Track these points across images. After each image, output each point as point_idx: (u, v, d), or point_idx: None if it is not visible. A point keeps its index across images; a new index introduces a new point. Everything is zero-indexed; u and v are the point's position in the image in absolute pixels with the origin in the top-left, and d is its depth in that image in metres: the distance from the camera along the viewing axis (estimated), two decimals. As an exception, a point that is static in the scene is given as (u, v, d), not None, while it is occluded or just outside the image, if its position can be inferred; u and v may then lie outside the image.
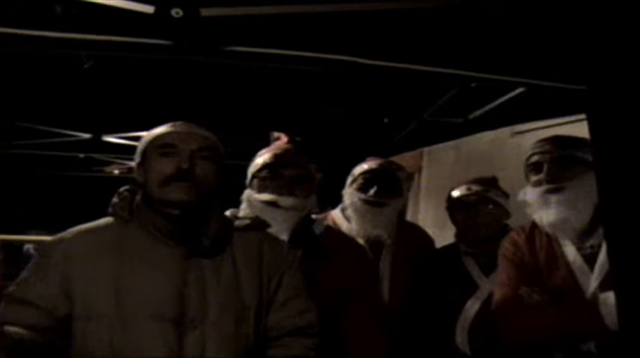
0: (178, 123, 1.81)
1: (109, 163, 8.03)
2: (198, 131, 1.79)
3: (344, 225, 2.77)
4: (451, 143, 5.21)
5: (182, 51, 1.51)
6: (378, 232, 2.72)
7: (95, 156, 7.26)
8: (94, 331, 1.61)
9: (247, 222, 1.89)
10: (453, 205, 2.64)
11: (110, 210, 1.79)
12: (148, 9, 1.47)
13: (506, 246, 2.22)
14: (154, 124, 1.90)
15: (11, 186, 8.46)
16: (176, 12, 1.46)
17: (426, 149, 6.02)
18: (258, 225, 1.91)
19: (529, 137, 3.83)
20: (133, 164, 1.76)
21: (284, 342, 1.76)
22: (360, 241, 2.67)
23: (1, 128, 5.24)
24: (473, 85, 3.03)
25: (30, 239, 6.90)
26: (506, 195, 2.59)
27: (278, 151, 2.34)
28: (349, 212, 2.77)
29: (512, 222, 2.62)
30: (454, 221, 2.66)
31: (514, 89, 2.77)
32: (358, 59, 1.70)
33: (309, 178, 2.34)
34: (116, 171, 8.58)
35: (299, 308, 1.80)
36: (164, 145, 1.74)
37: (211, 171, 1.74)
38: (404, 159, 3.78)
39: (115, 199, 1.81)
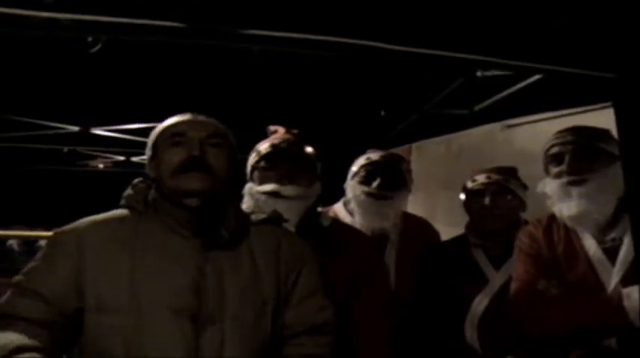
0: (187, 113, 1.78)
1: (94, 157, 7.93)
2: (207, 120, 1.77)
3: (347, 219, 2.71)
4: (441, 137, 5.24)
5: (194, 34, 1.43)
6: (383, 225, 2.68)
7: (80, 149, 7.16)
8: (108, 326, 1.57)
9: (264, 216, 1.86)
10: (469, 194, 2.58)
11: (124, 201, 1.76)
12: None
13: (522, 239, 2.17)
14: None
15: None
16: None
17: (414, 144, 6.05)
18: (274, 219, 1.88)
19: (521, 130, 3.79)
20: (119, 158, 1.69)
21: (300, 340, 1.73)
22: (365, 235, 2.60)
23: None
24: (479, 74, 2.98)
25: (13, 234, 6.76)
26: (524, 187, 2.54)
27: (276, 141, 2.30)
28: (352, 205, 2.73)
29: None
30: (468, 210, 2.60)
31: (523, 79, 2.72)
32: (376, 43, 1.63)
33: (311, 166, 2.29)
34: (101, 166, 8.47)
35: (316, 305, 1.77)
36: (173, 135, 1.71)
37: (224, 159, 1.71)
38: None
39: (128, 191, 1.78)
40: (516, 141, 3.87)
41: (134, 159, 8.11)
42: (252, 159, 2.31)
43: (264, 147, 2.30)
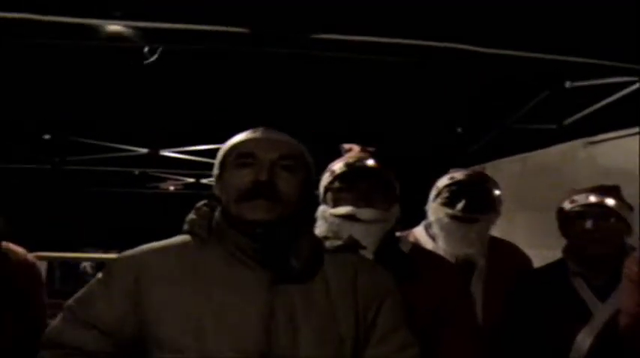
0: (259, 129, 1.63)
1: (164, 179, 7.98)
2: (280, 137, 1.61)
3: (428, 244, 2.54)
4: (517, 156, 5.09)
5: (261, 41, 1.27)
6: (469, 251, 2.49)
7: (150, 171, 7.22)
8: None
9: (339, 243, 1.69)
10: (568, 216, 2.35)
11: (186, 227, 1.63)
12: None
13: (631, 267, 1.95)
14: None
15: (66, 203, 8.47)
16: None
17: (489, 163, 5.92)
18: (351, 246, 1.72)
19: (604, 148, 3.58)
20: (189, 180, 1.55)
21: None
22: (448, 262, 2.45)
23: (55, 144, 5.20)
24: (567, 85, 2.75)
25: (86, 257, 6.83)
26: (630, 208, 2.29)
27: (351, 160, 2.16)
28: (435, 229, 2.55)
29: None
30: (566, 234, 2.38)
31: (621, 89, 2.48)
32: (461, 45, 1.45)
33: (389, 187, 2.14)
34: (171, 188, 8.52)
35: (400, 342, 1.60)
36: (241, 155, 1.57)
37: (295, 184, 1.56)
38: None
39: (191, 215, 1.65)
40: (599, 158, 3.71)
41: (204, 181, 8.14)
42: (325, 179, 2.18)
43: (338, 166, 2.16)
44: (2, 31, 1.93)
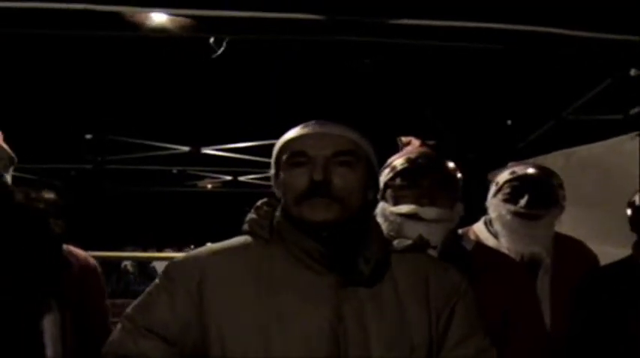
0: (310, 123, 1.55)
1: (202, 178, 7.98)
2: (334, 131, 1.52)
3: (490, 241, 2.45)
4: (560, 151, 4.96)
5: (336, 28, 1.19)
6: (533, 250, 2.42)
7: (189, 170, 7.22)
8: None
9: (408, 242, 1.62)
10: (637, 211, 2.23)
11: (246, 227, 1.57)
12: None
13: None
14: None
15: (107, 202, 8.52)
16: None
17: (531, 159, 5.79)
18: (420, 246, 1.64)
19: None
20: (226, 178, 1.48)
21: None
22: (512, 260, 2.38)
23: (95, 143, 5.21)
24: (632, 73, 2.62)
25: (127, 256, 6.84)
26: None
27: (413, 155, 2.10)
28: (496, 227, 2.47)
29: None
30: (636, 229, 2.25)
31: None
32: (549, 29, 1.35)
33: (453, 184, 2.08)
34: (209, 186, 8.52)
35: (476, 347, 1.52)
36: (293, 154, 1.50)
37: (354, 180, 1.48)
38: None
39: (252, 215, 1.58)
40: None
41: (241, 178, 8.11)
42: (385, 175, 2.10)
43: (399, 161, 2.09)
44: (37, 23, 1.88)
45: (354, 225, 1.48)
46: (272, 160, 1.58)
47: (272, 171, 1.58)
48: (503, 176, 2.51)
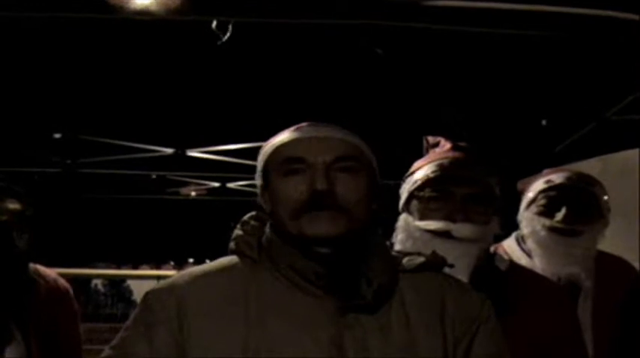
0: (304, 125, 1.54)
1: (186, 184, 7.94)
2: (333, 134, 1.51)
3: (523, 261, 2.45)
4: (597, 158, 5.09)
5: (359, 10, 1.16)
6: (572, 270, 2.41)
7: (169, 175, 7.21)
8: None
9: (420, 259, 1.60)
10: None
11: (232, 245, 1.56)
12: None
13: None
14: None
15: (75, 211, 8.51)
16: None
17: (565, 166, 5.93)
18: (434, 264, 1.62)
19: None
20: (213, 184, 1.47)
21: None
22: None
23: (63, 143, 5.19)
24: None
25: (97, 273, 6.85)
26: None
27: (445, 161, 2.07)
28: (530, 244, 2.47)
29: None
30: None
31: None
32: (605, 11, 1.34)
33: (490, 197, 2.05)
34: (193, 193, 8.49)
35: None
36: (287, 160, 1.49)
37: (359, 188, 1.48)
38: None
39: (238, 231, 1.58)
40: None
41: (230, 185, 8.09)
42: (410, 183, 2.09)
43: (428, 168, 2.06)
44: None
45: (357, 241, 1.48)
46: (258, 169, 1.57)
47: (259, 182, 1.57)
48: (537, 185, 2.51)
